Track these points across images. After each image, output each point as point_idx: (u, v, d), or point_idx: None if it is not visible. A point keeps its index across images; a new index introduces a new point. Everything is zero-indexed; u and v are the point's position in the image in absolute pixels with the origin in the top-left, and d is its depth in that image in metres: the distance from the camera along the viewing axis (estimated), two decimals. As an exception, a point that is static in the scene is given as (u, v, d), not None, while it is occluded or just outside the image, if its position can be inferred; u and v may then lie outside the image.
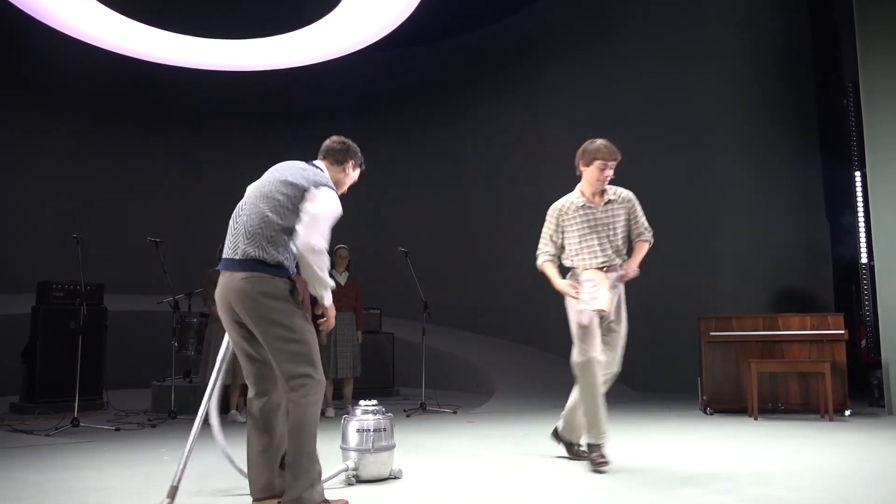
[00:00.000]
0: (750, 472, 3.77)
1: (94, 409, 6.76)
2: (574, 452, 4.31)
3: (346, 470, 3.58)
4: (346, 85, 11.82)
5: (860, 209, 7.88)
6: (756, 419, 6.08)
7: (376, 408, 3.74)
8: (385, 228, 11.71)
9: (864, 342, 7.68)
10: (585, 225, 4.23)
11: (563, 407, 4.38)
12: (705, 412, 6.55)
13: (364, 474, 3.60)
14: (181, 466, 3.02)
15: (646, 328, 8.98)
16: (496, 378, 8.66)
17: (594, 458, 3.94)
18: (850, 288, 8.32)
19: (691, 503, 3.14)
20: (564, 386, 8.53)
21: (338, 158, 3.21)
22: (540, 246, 4.37)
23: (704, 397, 6.60)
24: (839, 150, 8.42)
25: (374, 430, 3.63)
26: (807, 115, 8.81)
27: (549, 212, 4.36)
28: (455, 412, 6.88)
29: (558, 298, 4.29)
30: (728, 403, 6.53)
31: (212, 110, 11.77)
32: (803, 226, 8.62)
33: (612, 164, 4.20)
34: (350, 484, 3.58)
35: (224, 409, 6.48)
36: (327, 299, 3.05)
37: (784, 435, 5.22)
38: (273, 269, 2.87)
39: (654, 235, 4.44)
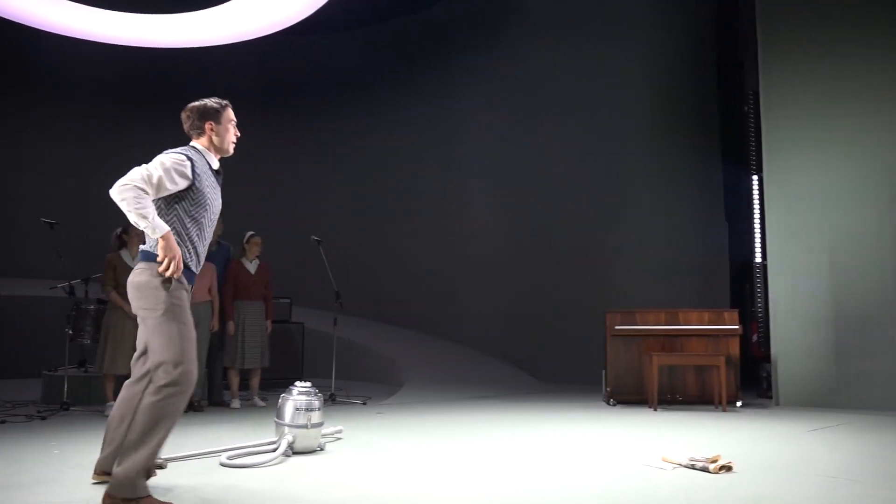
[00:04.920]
0: (648, 461, 3.91)
1: (-22, 400, 6.34)
2: None
3: (291, 443, 4.01)
4: (259, 69, 11.50)
5: (756, 211, 8.32)
6: (656, 410, 6.32)
7: (310, 389, 4.23)
8: (297, 217, 11.49)
9: (755, 337, 8.14)
10: None
11: (471, 398, 4.42)
12: (608, 403, 6.76)
13: (298, 447, 4.05)
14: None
15: (554, 321, 9.20)
16: (407, 369, 8.66)
17: None
18: (744, 285, 8.80)
19: (590, 491, 3.23)
20: (474, 377, 8.66)
21: (196, 131, 3.30)
22: None
23: (608, 389, 6.81)
24: (739, 154, 8.87)
25: (308, 409, 4.10)
26: (710, 121, 9.22)
27: None
28: (365, 403, 6.84)
29: (471, 291, 4.32)
30: (630, 395, 6.76)
31: (109, 88, 11.21)
32: (704, 225, 9.04)
33: None
34: (287, 455, 3.94)
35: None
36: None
37: (681, 425, 5.46)
38: None
39: (565, 231, 4.53)
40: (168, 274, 2.98)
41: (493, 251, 9.92)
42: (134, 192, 2.95)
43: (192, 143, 3.29)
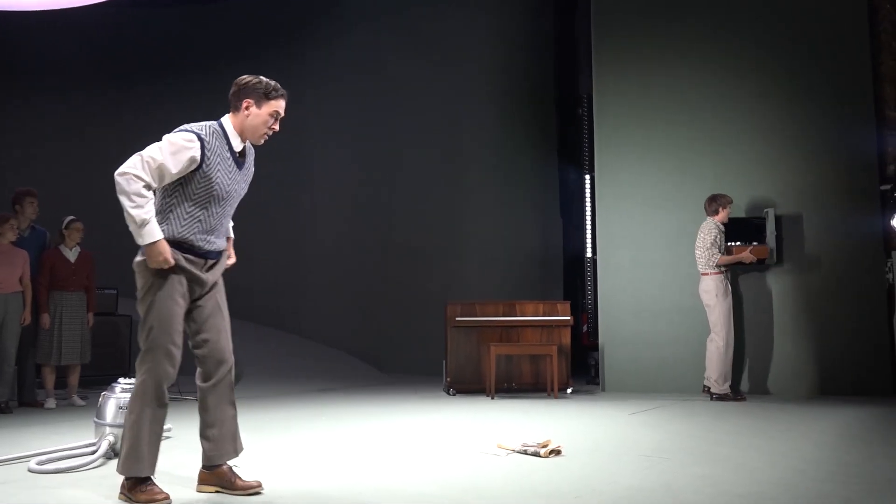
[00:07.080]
0: (484, 448, 4.03)
1: None
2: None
3: (112, 444, 3.72)
4: (91, 40, 10.60)
5: (588, 209, 8.83)
6: (493, 398, 6.54)
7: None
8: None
9: (585, 327, 8.64)
10: None
11: (313, 390, 4.33)
12: (448, 393, 6.90)
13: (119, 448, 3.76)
14: None
15: (398, 313, 9.26)
16: (246, 362, 8.35)
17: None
18: (576, 278, 9.32)
19: (427, 480, 3.28)
20: (317, 370, 8.53)
21: (234, 104, 3.02)
22: None
23: (448, 379, 6.95)
24: (573, 154, 9.37)
25: None
26: (548, 122, 9.67)
27: None
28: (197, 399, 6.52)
29: (315, 283, 4.24)
30: (469, 384, 6.94)
31: None
32: (541, 221, 9.47)
33: None
34: (108, 458, 3.68)
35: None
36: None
37: (516, 412, 5.68)
38: None
39: (409, 224, 4.55)
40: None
41: (338, 244, 9.82)
42: (133, 186, 2.71)
43: (222, 119, 3.01)
